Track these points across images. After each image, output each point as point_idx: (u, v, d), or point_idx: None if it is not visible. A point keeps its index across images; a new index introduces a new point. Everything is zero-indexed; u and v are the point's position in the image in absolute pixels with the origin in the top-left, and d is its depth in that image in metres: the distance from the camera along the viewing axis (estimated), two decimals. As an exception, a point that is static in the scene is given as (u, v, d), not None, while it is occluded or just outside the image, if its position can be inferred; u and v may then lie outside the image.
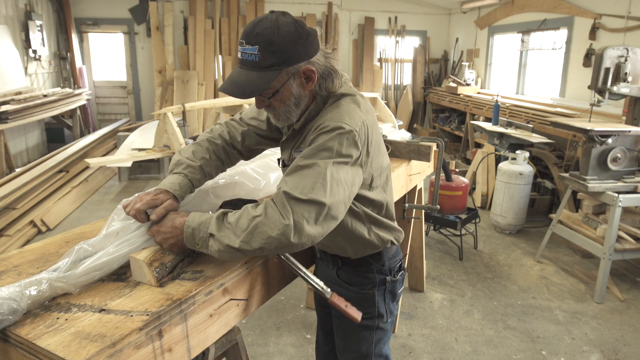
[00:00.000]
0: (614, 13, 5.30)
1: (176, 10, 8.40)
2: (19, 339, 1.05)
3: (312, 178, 1.20)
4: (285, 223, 1.16)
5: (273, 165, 1.91)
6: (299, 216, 1.17)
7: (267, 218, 1.17)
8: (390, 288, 1.62)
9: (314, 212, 1.19)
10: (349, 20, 8.93)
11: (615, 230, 3.37)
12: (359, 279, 1.58)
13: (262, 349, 2.85)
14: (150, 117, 8.28)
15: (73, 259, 1.25)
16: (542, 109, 5.78)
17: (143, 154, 4.03)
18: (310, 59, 1.30)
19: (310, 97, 1.38)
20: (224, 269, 1.36)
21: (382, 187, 1.50)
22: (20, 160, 6.94)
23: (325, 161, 1.22)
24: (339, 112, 1.32)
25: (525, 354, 2.86)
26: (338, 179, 1.23)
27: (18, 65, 6.73)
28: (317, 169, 1.21)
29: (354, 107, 1.35)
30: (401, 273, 1.65)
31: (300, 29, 1.26)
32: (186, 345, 1.22)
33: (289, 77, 1.29)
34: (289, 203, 1.18)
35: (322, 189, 1.19)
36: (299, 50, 1.26)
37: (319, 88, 1.36)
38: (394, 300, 1.65)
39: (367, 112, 1.38)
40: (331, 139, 1.24)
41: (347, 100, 1.37)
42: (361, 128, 1.29)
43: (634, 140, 3.54)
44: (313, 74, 1.31)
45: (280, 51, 1.24)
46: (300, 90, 1.33)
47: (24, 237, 4.33)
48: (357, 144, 1.27)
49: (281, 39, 1.23)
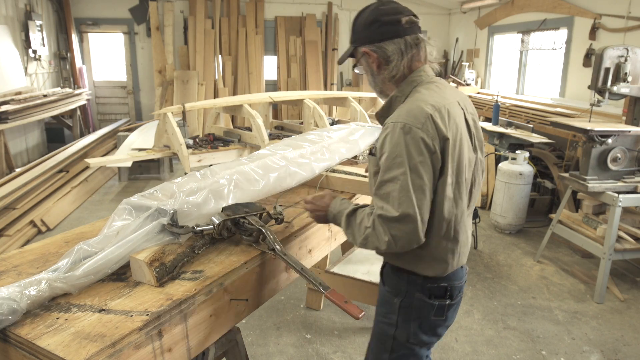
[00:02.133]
0: (614, 13, 5.30)
1: (176, 10, 8.40)
2: (19, 339, 1.05)
3: (396, 193, 1.29)
4: (385, 240, 1.30)
5: (273, 166, 1.91)
6: (395, 232, 1.29)
7: (374, 231, 1.33)
8: (418, 307, 1.47)
9: (407, 225, 1.29)
10: (349, 20, 8.92)
11: (615, 230, 3.37)
12: (392, 281, 1.54)
13: (262, 349, 2.85)
14: (150, 117, 8.28)
15: (73, 260, 1.25)
16: (542, 109, 5.78)
17: (143, 154, 4.02)
18: (377, 43, 1.45)
19: (388, 82, 1.50)
20: (224, 269, 1.36)
21: (452, 197, 1.39)
22: (20, 160, 6.94)
23: (404, 170, 1.29)
24: (403, 108, 1.39)
25: (525, 354, 2.86)
26: (419, 185, 1.29)
27: (18, 65, 6.72)
28: (398, 183, 1.29)
29: (420, 101, 1.38)
30: (443, 301, 1.47)
31: (375, 17, 1.44)
32: (186, 345, 1.22)
33: (362, 55, 1.50)
34: (385, 224, 1.30)
35: (408, 201, 1.28)
36: (366, 33, 1.47)
37: (386, 70, 1.47)
38: (424, 325, 1.49)
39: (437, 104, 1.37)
40: (395, 144, 1.31)
41: (415, 94, 1.43)
42: (425, 122, 1.32)
43: (634, 140, 3.54)
44: (368, 55, 1.47)
45: (354, 32, 1.51)
46: (369, 68, 1.51)
47: (24, 237, 4.33)
48: (424, 141, 1.30)
49: (358, 23, 1.50)
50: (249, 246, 1.52)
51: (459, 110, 1.44)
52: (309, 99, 4.58)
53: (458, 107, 1.44)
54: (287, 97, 4.91)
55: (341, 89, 8.98)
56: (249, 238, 1.53)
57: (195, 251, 1.43)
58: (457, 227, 1.43)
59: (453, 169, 1.36)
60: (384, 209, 1.30)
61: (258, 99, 4.57)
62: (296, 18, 8.69)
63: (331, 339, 2.95)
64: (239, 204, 1.62)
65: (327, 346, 2.89)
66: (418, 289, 1.47)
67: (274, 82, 8.91)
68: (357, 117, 4.68)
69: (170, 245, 1.36)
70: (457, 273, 1.51)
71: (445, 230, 1.41)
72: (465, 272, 1.59)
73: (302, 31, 8.65)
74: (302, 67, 8.67)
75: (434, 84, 1.45)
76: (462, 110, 1.45)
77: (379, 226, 1.31)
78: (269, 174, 1.86)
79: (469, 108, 1.51)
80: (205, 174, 1.76)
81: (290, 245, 1.65)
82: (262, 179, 1.82)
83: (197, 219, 1.51)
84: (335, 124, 4.34)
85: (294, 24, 8.70)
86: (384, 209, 1.30)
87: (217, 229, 1.49)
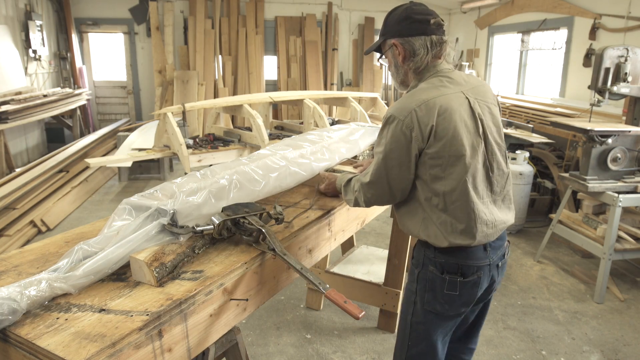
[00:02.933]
0: (614, 13, 5.30)
1: (176, 10, 8.40)
2: (19, 339, 1.05)
3: (374, 165, 1.64)
4: (363, 199, 1.71)
5: (273, 166, 1.91)
6: (369, 194, 1.69)
7: (360, 194, 1.71)
8: (431, 279, 1.65)
9: (376, 189, 1.66)
10: (349, 20, 8.93)
11: (615, 230, 3.37)
12: (416, 254, 1.75)
13: (262, 349, 2.85)
14: (150, 117, 8.28)
15: (73, 260, 1.25)
16: (542, 109, 5.78)
17: (143, 154, 4.02)
18: (406, 37, 1.62)
19: (410, 74, 1.67)
20: (224, 269, 1.36)
21: (442, 176, 1.55)
22: (20, 160, 6.94)
23: (382, 149, 1.59)
24: (400, 100, 1.60)
25: (525, 354, 2.86)
26: (391, 164, 1.58)
27: (18, 65, 6.73)
28: (377, 157, 1.62)
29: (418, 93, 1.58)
30: (454, 277, 1.61)
31: (408, 14, 1.61)
32: (186, 345, 1.22)
33: (389, 47, 1.68)
34: (363, 188, 1.70)
35: (378, 172, 1.62)
36: (397, 28, 1.63)
37: (410, 65, 1.64)
38: (437, 296, 1.65)
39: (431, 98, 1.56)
40: (382, 128, 1.61)
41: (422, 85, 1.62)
42: (407, 116, 1.52)
43: (634, 140, 3.54)
44: (396, 47, 1.64)
45: (386, 25, 1.67)
46: (394, 60, 1.68)
47: (24, 237, 4.33)
48: (402, 130, 1.53)
49: (391, 17, 1.66)
50: (249, 246, 1.52)
51: (462, 100, 1.57)
52: (309, 99, 4.59)
53: (460, 97, 1.57)
54: (287, 97, 4.91)
55: (341, 89, 8.98)
56: (249, 238, 1.53)
57: (195, 251, 1.43)
58: (458, 205, 1.56)
59: (440, 152, 1.53)
60: (365, 176, 1.69)
61: (258, 99, 4.57)
62: (296, 18, 8.69)
63: (331, 339, 2.96)
64: (239, 204, 1.62)
65: (327, 346, 2.89)
66: (431, 262, 1.65)
67: (274, 82, 8.91)
68: (357, 117, 4.68)
69: (170, 245, 1.36)
70: (472, 253, 1.61)
71: (439, 203, 1.57)
72: (493, 256, 1.66)
73: (302, 31, 8.65)
74: (302, 67, 8.67)
75: (437, 78, 1.61)
76: (466, 99, 1.59)
77: (360, 190, 1.71)
78: (269, 174, 1.86)
79: (481, 96, 1.64)
80: (205, 174, 1.76)
81: (290, 245, 1.65)
82: (262, 179, 1.81)
83: (197, 219, 1.51)
84: (335, 124, 4.35)
85: (294, 24, 8.70)
86: (365, 176, 1.69)
87: (217, 229, 1.49)
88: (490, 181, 1.62)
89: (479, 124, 1.58)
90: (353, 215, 2.14)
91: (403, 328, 1.79)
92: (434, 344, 1.72)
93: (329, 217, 1.91)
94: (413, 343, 1.75)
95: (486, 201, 1.61)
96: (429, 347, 1.72)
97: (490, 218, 1.61)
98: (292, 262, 1.41)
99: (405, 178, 1.59)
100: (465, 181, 1.54)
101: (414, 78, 1.67)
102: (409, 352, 1.76)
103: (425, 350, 1.73)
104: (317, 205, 1.95)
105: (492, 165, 1.61)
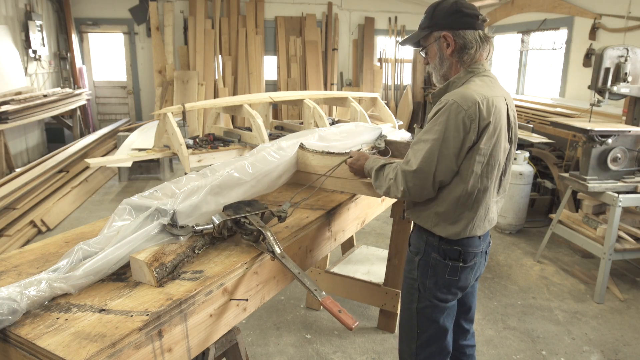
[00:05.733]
0: (614, 13, 5.30)
1: (176, 10, 8.39)
2: (19, 339, 1.05)
3: (422, 152, 1.57)
4: (401, 189, 1.62)
5: (269, 159, 1.92)
6: (410, 184, 1.60)
7: (395, 182, 1.64)
8: (434, 265, 1.70)
9: (420, 179, 1.59)
10: (349, 20, 8.92)
11: (615, 230, 3.37)
12: (414, 242, 1.79)
13: (262, 349, 2.85)
14: (150, 117, 8.28)
15: (73, 260, 1.25)
16: (542, 109, 5.78)
17: (143, 154, 4.02)
18: (456, 30, 1.64)
19: (455, 67, 1.69)
20: (224, 269, 1.36)
21: (479, 173, 1.60)
22: (20, 160, 6.94)
23: (437, 137, 1.54)
24: (458, 90, 1.60)
25: (525, 354, 2.86)
26: (444, 152, 1.54)
27: (18, 65, 6.72)
28: (429, 144, 1.56)
29: (475, 86, 1.59)
30: (456, 262, 1.69)
31: (458, 7, 1.63)
32: (186, 345, 1.22)
33: (435, 40, 1.69)
34: (404, 176, 1.61)
35: (428, 160, 1.55)
36: (447, 20, 1.65)
37: (458, 56, 1.66)
38: (439, 282, 1.71)
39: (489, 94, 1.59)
40: (441, 114, 1.55)
41: (474, 79, 1.64)
42: (471, 107, 1.52)
43: (634, 140, 3.54)
44: (450, 39, 1.64)
45: (434, 17, 1.67)
46: (443, 53, 1.68)
47: (24, 237, 4.33)
48: (464, 121, 1.52)
49: (439, 10, 1.66)
50: (249, 246, 1.52)
51: (504, 104, 1.64)
52: (309, 99, 4.58)
53: (503, 102, 1.64)
54: (287, 97, 4.91)
55: (341, 89, 8.98)
56: (249, 238, 1.53)
57: (195, 251, 1.43)
58: (478, 200, 1.64)
59: (486, 150, 1.58)
60: (408, 163, 1.60)
61: (258, 99, 4.57)
62: (296, 18, 8.69)
63: (331, 339, 2.95)
64: (240, 202, 1.61)
65: (327, 346, 2.89)
66: (434, 249, 1.70)
67: (274, 82, 8.91)
68: (357, 117, 4.68)
69: (170, 245, 1.36)
70: (472, 241, 1.71)
71: (466, 199, 1.62)
72: (484, 243, 1.77)
73: (302, 31, 8.65)
74: (302, 67, 8.67)
75: (488, 78, 1.67)
76: (506, 105, 1.65)
77: (399, 178, 1.62)
78: (268, 166, 1.88)
79: (512, 106, 1.71)
80: (205, 173, 1.77)
81: (290, 245, 1.65)
82: (261, 173, 1.83)
83: (197, 218, 1.51)
84: (335, 124, 4.35)
85: (294, 24, 8.70)
86: (408, 164, 1.60)
87: (217, 229, 1.49)
88: (500, 184, 1.74)
89: (510, 131, 1.68)
90: (353, 215, 2.14)
91: (408, 318, 1.82)
92: (442, 326, 1.78)
93: (329, 217, 1.91)
94: (422, 330, 1.79)
95: (494, 201, 1.73)
96: (438, 329, 1.78)
97: (493, 216, 1.75)
98: (289, 266, 1.41)
99: (450, 170, 1.58)
100: (494, 182, 1.65)
101: (463, 71, 1.68)
102: (420, 340, 1.80)
103: (435, 333, 1.78)
104: (317, 205, 1.95)
105: (506, 170, 1.73)
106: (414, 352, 1.82)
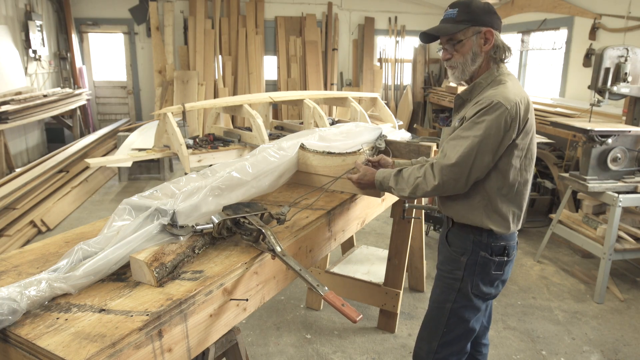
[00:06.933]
0: (614, 13, 5.30)
1: (176, 10, 8.40)
2: (19, 339, 1.05)
3: (462, 147, 1.60)
4: (435, 184, 1.65)
5: (270, 159, 1.92)
6: (445, 177, 1.63)
7: (424, 179, 1.67)
8: (482, 263, 1.74)
9: (457, 173, 1.62)
10: (349, 20, 8.92)
11: (615, 230, 3.37)
12: (458, 242, 1.79)
13: (262, 349, 2.85)
14: (150, 117, 8.28)
15: (73, 260, 1.25)
16: (542, 109, 5.77)
17: (143, 154, 4.02)
18: (495, 30, 1.68)
19: (486, 64, 1.72)
20: (224, 269, 1.36)
21: (518, 167, 1.68)
22: (20, 160, 6.94)
23: (479, 134, 1.58)
24: (498, 90, 1.64)
25: (525, 354, 2.86)
26: (483, 150, 1.58)
27: (18, 65, 6.73)
28: (469, 140, 1.60)
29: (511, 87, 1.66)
30: (502, 258, 1.75)
31: (491, 9, 1.68)
32: (186, 345, 1.22)
33: (474, 34, 1.68)
34: (438, 170, 1.64)
35: (467, 156, 1.59)
36: (488, 18, 1.67)
37: (493, 54, 1.70)
38: (485, 279, 1.76)
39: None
40: (484, 113, 1.59)
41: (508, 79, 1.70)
42: (513, 106, 1.59)
43: (634, 140, 3.54)
44: (492, 36, 1.67)
45: (473, 13, 1.66)
46: (478, 49, 1.69)
47: (24, 237, 4.33)
48: (505, 120, 1.58)
49: (476, 6, 1.67)
50: (249, 246, 1.52)
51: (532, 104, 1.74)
52: (309, 99, 4.58)
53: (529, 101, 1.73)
54: (287, 97, 4.91)
55: (341, 89, 8.98)
56: (249, 238, 1.53)
57: (195, 251, 1.43)
58: (520, 194, 1.72)
59: (524, 145, 1.66)
60: (446, 157, 1.63)
61: (258, 99, 4.57)
62: (296, 18, 8.69)
63: (331, 339, 2.95)
64: (240, 203, 1.62)
65: (327, 346, 2.89)
66: (482, 248, 1.74)
67: (274, 82, 8.91)
68: (357, 117, 4.68)
69: (170, 245, 1.36)
70: (513, 235, 1.79)
71: (508, 192, 1.69)
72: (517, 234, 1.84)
73: (302, 31, 8.65)
74: (302, 67, 8.67)
75: (515, 78, 1.74)
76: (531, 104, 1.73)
77: (430, 173, 1.66)
78: (269, 167, 1.88)
79: None
80: (205, 174, 1.77)
81: (290, 245, 1.65)
82: (262, 173, 1.83)
83: (197, 218, 1.51)
84: (335, 124, 4.35)
85: (294, 24, 8.70)
86: (445, 158, 1.63)
87: (216, 228, 1.49)
88: None
89: (534, 129, 1.75)
90: (353, 215, 2.14)
91: (437, 317, 1.85)
92: (471, 327, 1.83)
93: (329, 217, 1.91)
94: (449, 329, 1.82)
95: (527, 187, 1.79)
96: (467, 330, 1.82)
97: (525, 208, 1.81)
98: (291, 264, 1.41)
99: (487, 167, 1.63)
100: (531, 175, 1.74)
101: (490, 70, 1.72)
102: (443, 339, 1.83)
103: (462, 333, 1.83)
104: (317, 205, 1.95)
105: None
106: (434, 349, 1.85)
